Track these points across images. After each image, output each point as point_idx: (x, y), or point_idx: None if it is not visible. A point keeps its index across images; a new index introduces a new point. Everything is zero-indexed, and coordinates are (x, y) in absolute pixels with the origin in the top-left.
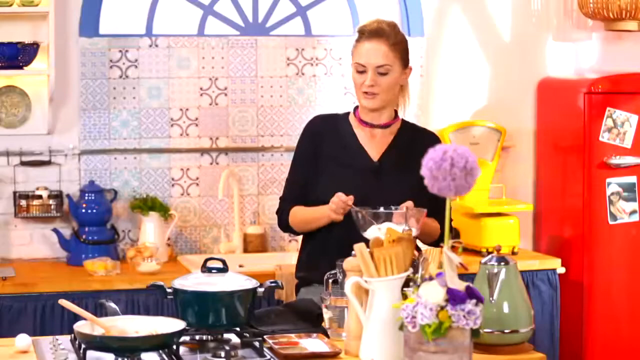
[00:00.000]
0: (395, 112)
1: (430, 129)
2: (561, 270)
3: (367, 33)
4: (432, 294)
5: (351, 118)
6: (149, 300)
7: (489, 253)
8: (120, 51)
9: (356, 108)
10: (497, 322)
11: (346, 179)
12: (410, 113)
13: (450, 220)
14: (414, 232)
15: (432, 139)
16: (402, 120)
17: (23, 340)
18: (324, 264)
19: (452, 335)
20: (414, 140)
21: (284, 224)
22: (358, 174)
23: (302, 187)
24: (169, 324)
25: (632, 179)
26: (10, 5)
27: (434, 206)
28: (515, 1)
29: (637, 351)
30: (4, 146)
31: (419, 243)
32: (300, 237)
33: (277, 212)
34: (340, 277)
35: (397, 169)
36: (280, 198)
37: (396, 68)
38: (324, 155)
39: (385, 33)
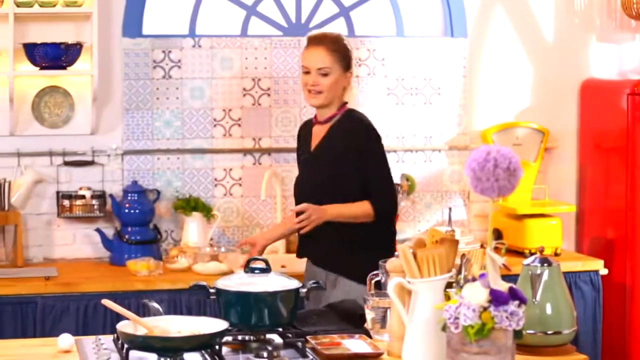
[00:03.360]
0: (344, 105)
1: (362, 118)
2: (604, 271)
3: (310, 40)
4: (475, 295)
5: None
6: (191, 300)
7: (531, 254)
8: (164, 52)
9: None
10: (540, 324)
11: (299, 170)
12: (452, 113)
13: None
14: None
15: (358, 125)
16: (346, 111)
17: (66, 340)
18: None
19: (494, 336)
20: (346, 128)
21: None
22: (301, 165)
23: None
24: (211, 324)
25: None
26: (54, 6)
27: (365, 189)
28: (558, 2)
29: None
30: (47, 146)
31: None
32: None
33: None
34: (383, 278)
35: (327, 157)
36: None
37: (336, 70)
38: (299, 154)
39: (325, 41)
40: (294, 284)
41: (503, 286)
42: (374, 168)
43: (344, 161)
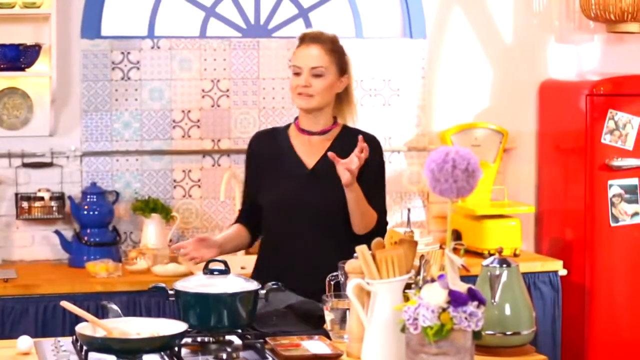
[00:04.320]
0: (335, 119)
1: (372, 134)
2: (563, 272)
3: (307, 38)
4: (433, 295)
5: (291, 129)
6: (150, 302)
7: (490, 255)
8: (122, 53)
9: (296, 118)
10: (499, 324)
11: (279, 187)
12: (411, 114)
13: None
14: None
15: (374, 146)
16: (344, 126)
17: (25, 342)
18: (275, 270)
19: (453, 337)
20: (351, 145)
21: None
22: (291, 183)
23: (251, 204)
24: (170, 326)
25: (634, 181)
26: (12, 7)
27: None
28: (517, 3)
29: (639, 353)
30: (5, 148)
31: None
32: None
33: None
34: (342, 279)
35: (330, 176)
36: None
37: (331, 72)
38: (265, 169)
39: (322, 39)
40: (253, 285)
41: (462, 287)
42: (380, 186)
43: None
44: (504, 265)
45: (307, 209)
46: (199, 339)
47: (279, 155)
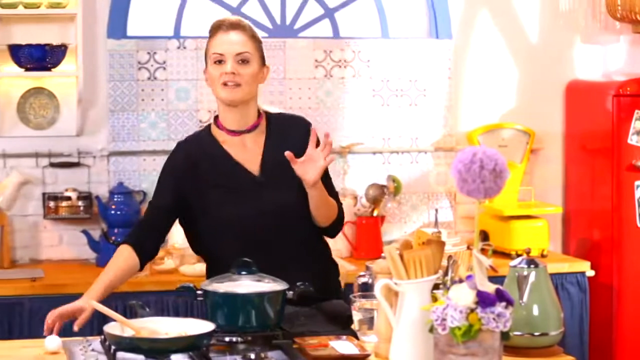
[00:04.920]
0: (259, 110)
1: (297, 114)
2: (590, 273)
3: (226, 25)
4: (462, 296)
5: (214, 130)
6: (178, 301)
7: (518, 256)
8: (149, 53)
9: (216, 118)
10: (527, 325)
11: (232, 205)
12: (438, 115)
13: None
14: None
15: (301, 125)
16: (267, 113)
17: (53, 341)
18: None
19: (481, 337)
20: (286, 133)
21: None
22: (241, 195)
23: (158, 217)
24: (198, 326)
25: None
26: (38, 7)
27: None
28: (543, 3)
29: None
30: (32, 148)
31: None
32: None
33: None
34: (370, 280)
35: (281, 175)
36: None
37: (256, 60)
38: (197, 184)
39: (243, 25)
40: (281, 285)
41: (490, 288)
42: (327, 173)
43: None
44: (532, 266)
45: (266, 219)
46: (226, 339)
47: (213, 166)
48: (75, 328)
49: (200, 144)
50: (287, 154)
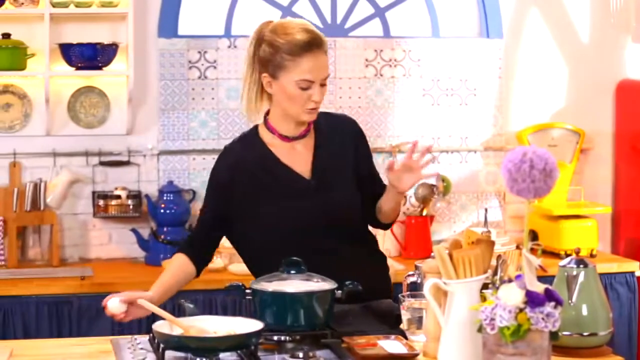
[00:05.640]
0: None
1: (340, 113)
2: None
3: (306, 45)
4: (511, 296)
5: (263, 134)
6: (227, 300)
7: (567, 255)
8: (199, 52)
9: (266, 119)
10: (576, 325)
11: (283, 208)
12: (488, 114)
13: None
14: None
15: (349, 124)
16: None
17: (114, 301)
18: None
19: (530, 337)
20: (333, 134)
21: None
22: (295, 199)
23: (210, 225)
24: (247, 325)
25: None
26: (90, 6)
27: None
28: (593, 3)
29: None
30: (83, 146)
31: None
32: None
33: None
34: (419, 279)
35: (332, 176)
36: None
37: None
38: (247, 188)
39: (321, 41)
40: (330, 284)
41: (539, 287)
42: (372, 164)
43: (351, 171)
44: (581, 266)
45: (319, 221)
46: (275, 338)
47: (263, 170)
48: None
49: (247, 147)
50: (389, 162)
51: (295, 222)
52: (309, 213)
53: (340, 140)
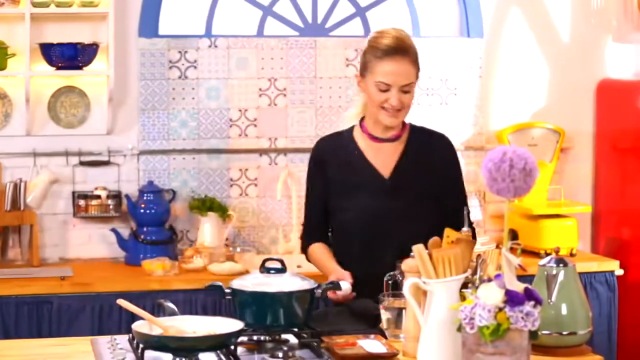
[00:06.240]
0: (403, 121)
1: (439, 131)
2: (619, 272)
3: (390, 50)
4: (490, 295)
5: (357, 133)
6: (207, 300)
7: (547, 255)
8: (180, 52)
9: (361, 120)
10: (555, 324)
11: (359, 204)
12: (468, 114)
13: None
14: None
15: (444, 143)
16: (410, 125)
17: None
18: (358, 283)
19: (510, 337)
20: (425, 147)
21: (305, 255)
22: (370, 196)
23: (320, 214)
24: (227, 324)
25: None
26: (70, 6)
27: (455, 217)
28: (574, 2)
29: None
30: (63, 146)
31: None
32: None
33: (300, 237)
34: (399, 278)
35: (410, 183)
36: (302, 224)
37: (415, 83)
38: (334, 178)
39: (408, 49)
40: (309, 284)
41: (518, 287)
42: (462, 190)
43: (431, 188)
44: (561, 265)
45: (389, 222)
46: (255, 338)
47: (349, 164)
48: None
49: (339, 141)
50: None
51: (365, 216)
52: (378, 210)
53: (429, 155)
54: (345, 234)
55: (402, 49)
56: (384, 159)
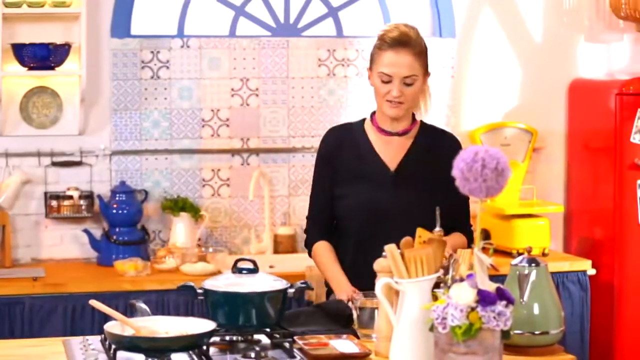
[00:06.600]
0: (413, 115)
1: (449, 131)
2: (592, 271)
3: (392, 42)
4: (462, 295)
5: (367, 125)
6: (179, 300)
7: (519, 254)
8: (152, 52)
9: (373, 114)
10: (528, 324)
11: (362, 193)
12: (440, 114)
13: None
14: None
15: (452, 143)
16: (421, 122)
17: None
18: (340, 263)
19: (482, 336)
20: (433, 145)
21: (308, 250)
22: (374, 186)
23: (325, 204)
24: (199, 325)
25: None
26: (42, 6)
27: (458, 214)
28: (546, 2)
29: None
30: (35, 147)
31: None
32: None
33: (305, 231)
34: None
35: (415, 178)
36: (307, 217)
37: (420, 76)
38: (341, 167)
39: (410, 42)
40: (281, 284)
41: (491, 286)
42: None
43: (435, 184)
44: (533, 265)
45: (392, 214)
46: (227, 338)
47: (357, 155)
48: None
49: (350, 129)
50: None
51: (368, 205)
52: (381, 201)
53: (436, 153)
54: (346, 222)
55: (405, 42)
56: (391, 152)
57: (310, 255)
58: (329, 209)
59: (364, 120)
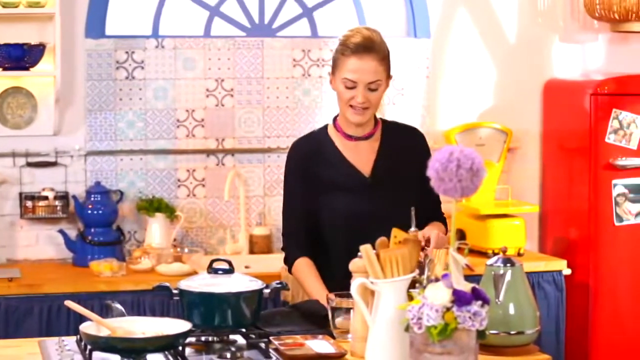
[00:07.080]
0: (374, 117)
1: (411, 125)
2: (567, 271)
3: (356, 47)
4: (438, 295)
5: (331, 131)
6: (154, 301)
7: (494, 254)
8: (127, 52)
9: (335, 119)
10: (503, 324)
11: (339, 202)
12: (415, 114)
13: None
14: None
15: (418, 138)
16: (382, 121)
17: None
18: (331, 276)
19: (457, 336)
20: (401, 144)
21: (288, 268)
22: (352, 194)
23: (302, 219)
24: (175, 325)
25: (638, 180)
26: (17, 7)
27: (434, 204)
28: (521, 2)
29: None
30: (10, 147)
31: None
32: None
33: (282, 249)
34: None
35: (390, 180)
36: (283, 234)
37: (384, 81)
38: (315, 180)
39: (374, 47)
40: (257, 284)
41: (466, 286)
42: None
43: (410, 182)
44: (508, 265)
45: (372, 220)
46: (203, 339)
47: (329, 165)
48: None
49: (316, 143)
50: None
51: (348, 214)
52: (360, 208)
53: (405, 150)
54: (327, 233)
55: (369, 47)
56: (362, 157)
57: (290, 272)
58: (305, 223)
59: (326, 126)
